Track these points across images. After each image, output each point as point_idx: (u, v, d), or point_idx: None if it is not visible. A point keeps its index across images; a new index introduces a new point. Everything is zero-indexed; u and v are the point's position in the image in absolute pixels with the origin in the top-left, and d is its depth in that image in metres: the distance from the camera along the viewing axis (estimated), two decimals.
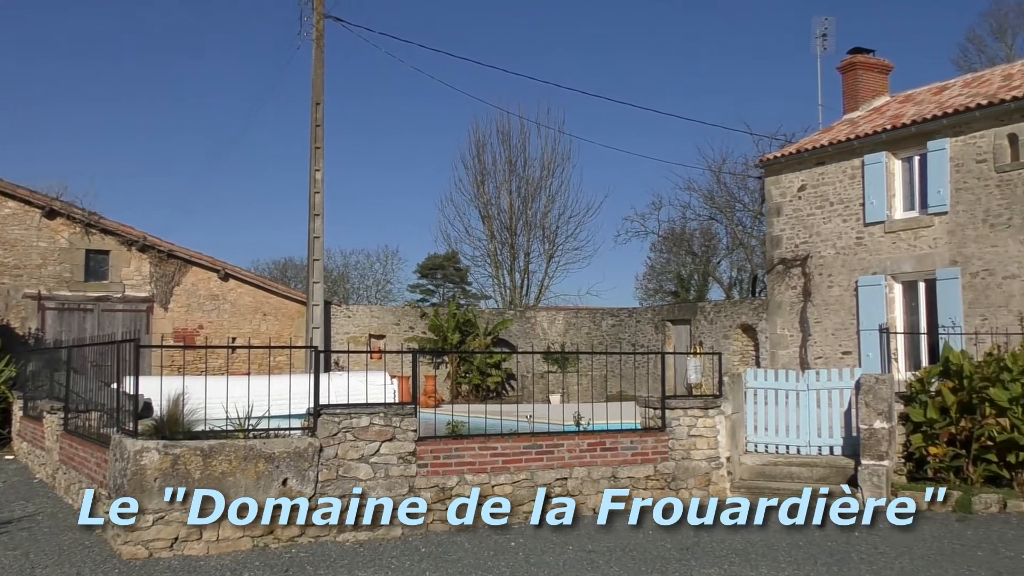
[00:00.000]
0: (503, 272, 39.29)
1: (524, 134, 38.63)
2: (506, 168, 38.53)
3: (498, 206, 38.68)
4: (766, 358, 23.06)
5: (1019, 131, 17.55)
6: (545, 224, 38.77)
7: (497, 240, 38.94)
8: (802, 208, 21.85)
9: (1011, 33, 39.88)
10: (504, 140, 38.55)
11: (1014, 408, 10.37)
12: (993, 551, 8.23)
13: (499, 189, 38.63)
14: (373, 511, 9.21)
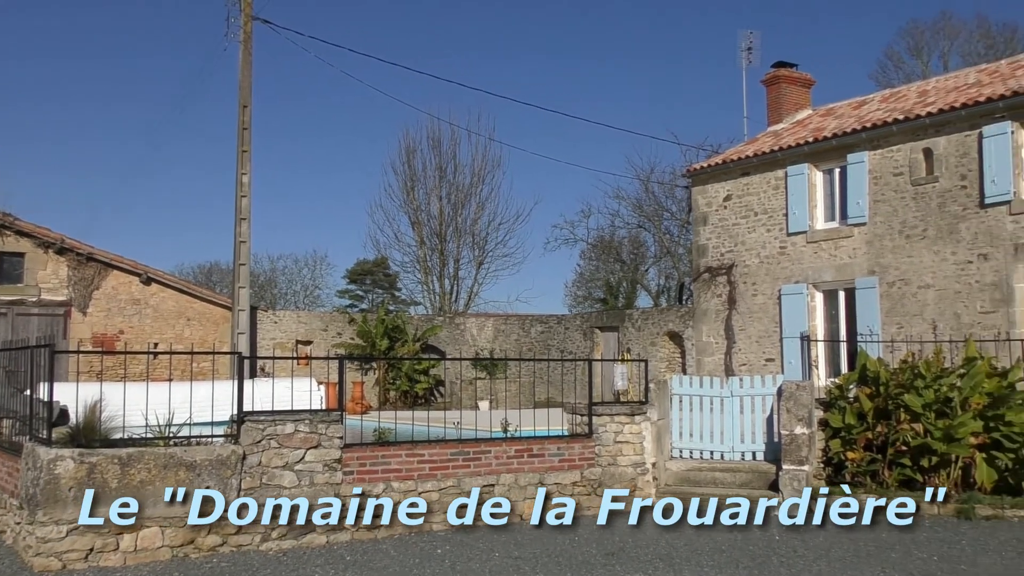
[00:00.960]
0: (433, 278, 39.20)
1: (455, 140, 38.67)
2: (436, 174, 38.49)
3: (428, 212, 38.62)
4: (692, 365, 23.40)
5: (933, 146, 18.14)
6: (475, 230, 38.83)
7: (427, 246, 38.85)
8: (728, 218, 22.24)
9: (927, 51, 41.30)
10: (435, 146, 38.53)
11: (927, 414, 10.68)
12: (906, 553, 8.46)
13: (429, 195, 38.57)
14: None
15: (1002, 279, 17.06)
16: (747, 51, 29.70)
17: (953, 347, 14.14)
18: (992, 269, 17.19)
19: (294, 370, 18.63)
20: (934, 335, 16.56)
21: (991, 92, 17.71)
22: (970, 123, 17.58)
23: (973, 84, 19.54)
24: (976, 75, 20.65)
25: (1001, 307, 17.05)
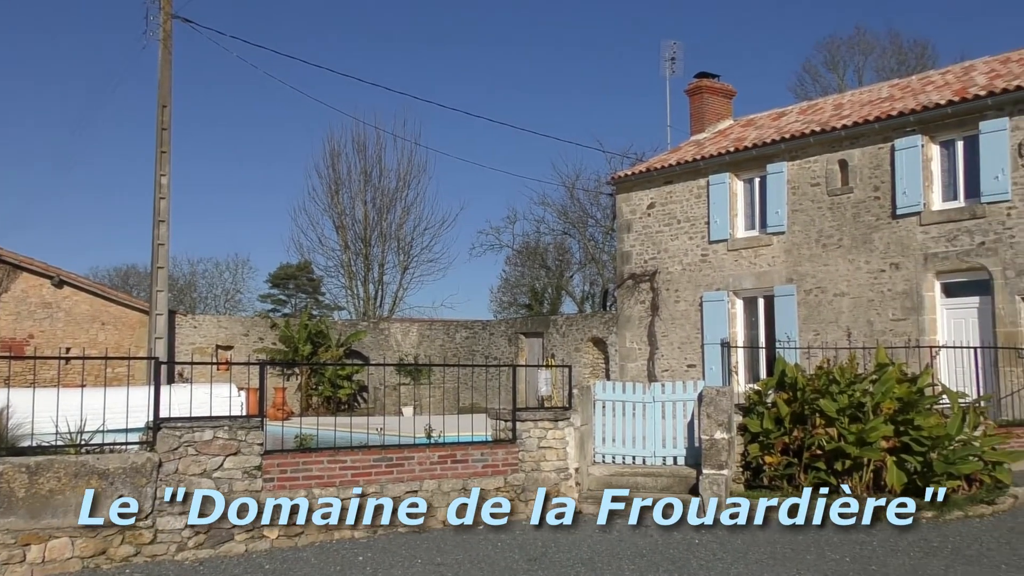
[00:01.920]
0: (357, 283, 38.88)
1: (380, 145, 38.48)
2: (361, 178, 38.23)
3: (353, 216, 38.32)
4: (616, 371, 23.63)
5: (848, 157, 18.67)
6: (400, 235, 38.66)
7: (351, 251, 38.51)
8: (651, 225, 22.54)
9: (843, 65, 42.52)
10: (360, 150, 38.28)
11: (841, 419, 10.95)
12: (820, 555, 8.66)
13: (354, 199, 38.29)
14: (215, 528, 8.89)
15: (912, 288, 17.63)
16: (670, 61, 30.24)
17: (866, 353, 14.54)
18: (903, 278, 17.76)
19: (214, 376, 18.30)
20: (848, 342, 17.02)
21: (903, 107, 18.31)
22: (883, 136, 18.16)
23: (886, 98, 20.17)
24: (889, 90, 21.32)
25: (911, 315, 17.62)
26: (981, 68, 19.56)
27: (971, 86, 17.91)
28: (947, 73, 20.82)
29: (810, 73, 43.24)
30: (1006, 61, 19.22)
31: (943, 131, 17.52)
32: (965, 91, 17.54)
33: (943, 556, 8.44)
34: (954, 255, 17.12)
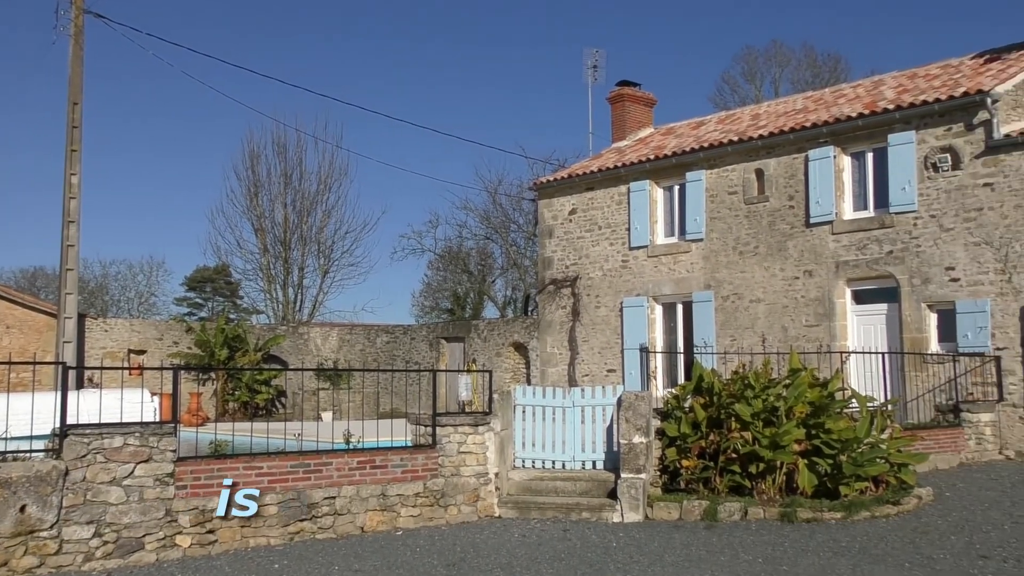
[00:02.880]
0: (276, 287, 38.30)
1: (301, 147, 38.05)
2: (281, 181, 37.72)
3: (272, 219, 37.77)
4: (536, 375, 23.73)
5: (765, 167, 19.10)
6: (321, 239, 38.24)
7: (270, 254, 37.94)
8: (573, 231, 22.71)
9: (760, 76, 43.54)
10: (280, 152, 37.78)
11: (756, 423, 11.17)
12: (734, 556, 8.82)
13: (273, 202, 37.75)
14: (125, 537, 8.65)
15: (825, 294, 18.10)
16: (593, 69, 30.56)
17: (780, 359, 14.87)
18: (816, 285, 18.22)
19: (126, 381, 17.76)
20: (763, 347, 17.40)
21: (816, 118, 18.81)
22: (797, 147, 18.62)
23: (800, 110, 20.70)
24: (803, 101, 21.89)
25: (824, 321, 18.09)
26: (890, 83, 20.22)
27: (880, 100, 18.49)
28: (858, 87, 21.46)
29: (729, 84, 44.22)
30: (913, 76, 19.91)
31: (854, 143, 18.05)
32: (875, 104, 18.11)
33: (851, 555, 8.68)
34: (864, 263, 17.64)
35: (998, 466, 14.56)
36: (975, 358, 16.08)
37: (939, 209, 16.68)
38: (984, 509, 10.73)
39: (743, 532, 9.84)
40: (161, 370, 11.02)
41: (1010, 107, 16.44)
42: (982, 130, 16.18)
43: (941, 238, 16.64)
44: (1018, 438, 15.62)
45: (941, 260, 16.63)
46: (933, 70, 19.80)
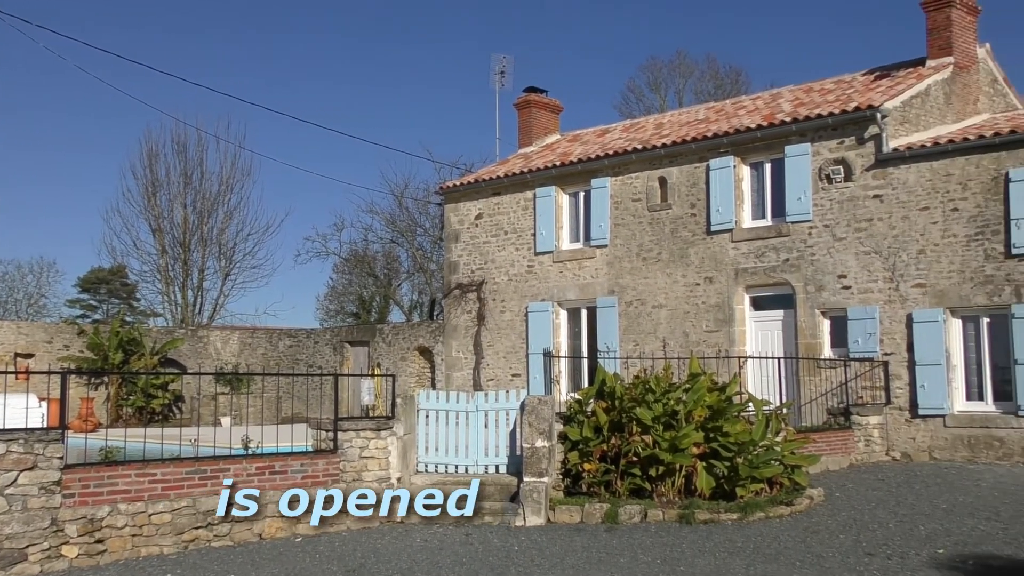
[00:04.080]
0: (175, 289, 37.32)
1: (202, 146, 37.20)
2: (181, 181, 36.80)
3: (171, 220, 36.82)
4: (441, 380, 23.66)
5: (668, 175, 19.46)
6: (222, 240, 37.43)
7: (169, 255, 36.95)
8: (479, 236, 22.73)
9: (664, 86, 44.37)
10: (180, 151, 36.87)
11: (656, 426, 11.36)
12: (633, 558, 8.94)
13: (172, 202, 36.81)
14: (7, 548, 8.28)
15: (724, 301, 18.52)
16: (500, 74, 30.66)
17: (681, 363, 15.15)
18: (716, 291, 18.63)
19: (11, 386, 17.07)
20: (664, 352, 17.71)
21: (717, 128, 19.25)
22: (699, 156, 19.01)
23: (702, 120, 21.16)
24: (705, 112, 22.38)
25: (723, 327, 18.50)
26: (787, 96, 20.84)
27: (778, 112, 19.03)
28: (758, 99, 22.05)
29: (634, 92, 44.92)
30: (809, 90, 20.56)
31: (753, 153, 18.53)
32: (773, 117, 18.63)
33: (745, 555, 8.89)
34: (762, 270, 18.12)
35: (885, 467, 15.13)
36: (865, 363, 16.68)
37: (832, 219, 17.25)
38: (871, 508, 11.13)
39: (643, 534, 9.99)
40: (48, 374, 10.62)
41: (898, 122, 17.12)
42: (872, 144, 16.79)
43: (834, 247, 17.21)
44: (904, 440, 16.26)
45: (834, 268, 17.20)
46: (828, 85, 20.49)
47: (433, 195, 35.56)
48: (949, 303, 15.96)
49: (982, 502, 11.47)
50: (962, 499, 11.71)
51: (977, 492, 12.26)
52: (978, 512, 10.78)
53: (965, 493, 12.18)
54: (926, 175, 16.23)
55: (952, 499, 11.70)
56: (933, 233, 16.12)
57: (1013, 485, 12.81)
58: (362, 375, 24.13)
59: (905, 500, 11.71)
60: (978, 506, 11.20)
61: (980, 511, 10.85)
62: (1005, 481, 13.19)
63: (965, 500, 11.63)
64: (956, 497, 11.85)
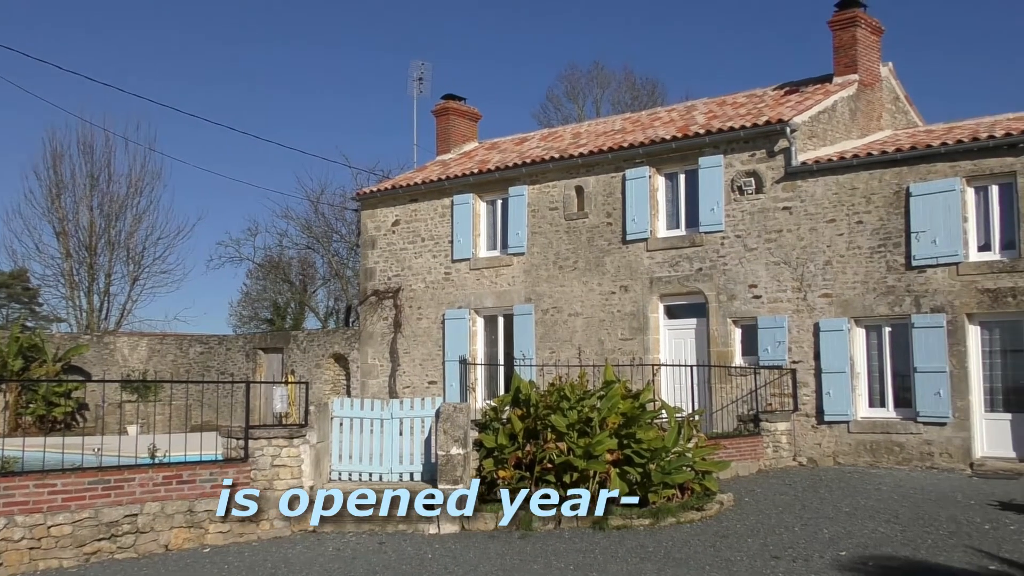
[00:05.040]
0: (80, 294, 36.15)
1: (110, 148, 36.20)
2: (87, 182, 35.71)
3: (76, 223, 35.68)
4: (357, 387, 23.43)
5: (585, 184, 19.66)
6: (131, 244, 36.44)
7: (74, 259, 35.78)
8: (396, 242, 22.60)
9: (582, 96, 44.80)
10: (86, 153, 35.79)
11: (571, 433, 11.43)
12: (547, 564, 8.98)
13: (78, 204, 35.69)
14: None
15: (639, 309, 18.78)
16: (418, 81, 30.58)
17: (596, 371, 15.31)
18: (631, 300, 18.88)
19: None
20: (580, 359, 17.87)
21: (633, 139, 19.53)
22: (615, 166, 19.27)
23: (619, 130, 21.45)
24: (622, 122, 22.69)
25: (638, 335, 18.75)
26: (701, 108, 21.27)
27: (693, 124, 19.42)
28: (673, 111, 22.46)
29: (553, 102, 45.25)
30: (722, 103, 21.03)
31: (668, 164, 18.85)
32: (687, 128, 18.99)
33: (656, 560, 9.01)
34: (676, 280, 18.43)
35: (792, 472, 15.52)
36: (774, 371, 17.09)
37: (744, 230, 17.65)
38: (778, 513, 11.40)
39: (556, 540, 10.04)
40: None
41: (807, 136, 17.62)
42: (782, 157, 17.25)
43: (745, 257, 17.61)
44: (810, 446, 16.70)
45: (745, 278, 17.59)
46: (740, 98, 20.99)
47: (350, 201, 35.28)
48: (853, 312, 16.48)
49: (882, 505, 11.87)
50: (864, 503, 12.09)
51: (878, 496, 12.68)
52: (878, 515, 11.14)
53: (867, 497, 12.58)
54: (832, 188, 16.74)
55: (854, 503, 12.07)
56: (839, 245, 16.63)
57: (911, 489, 13.29)
58: (275, 382, 23.74)
59: (810, 504, 12.03)
60: (879, 509, 11.58)
61: (880, 514, 11.22)
62: (904, 485, 13.67)
63: (867, 504, 12.01)
64: (858, 501, 12.23)
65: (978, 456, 15.28)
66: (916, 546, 9.39)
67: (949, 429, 15.41)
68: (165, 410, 26.23)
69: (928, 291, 15.75)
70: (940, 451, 15.44)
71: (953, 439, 15.35)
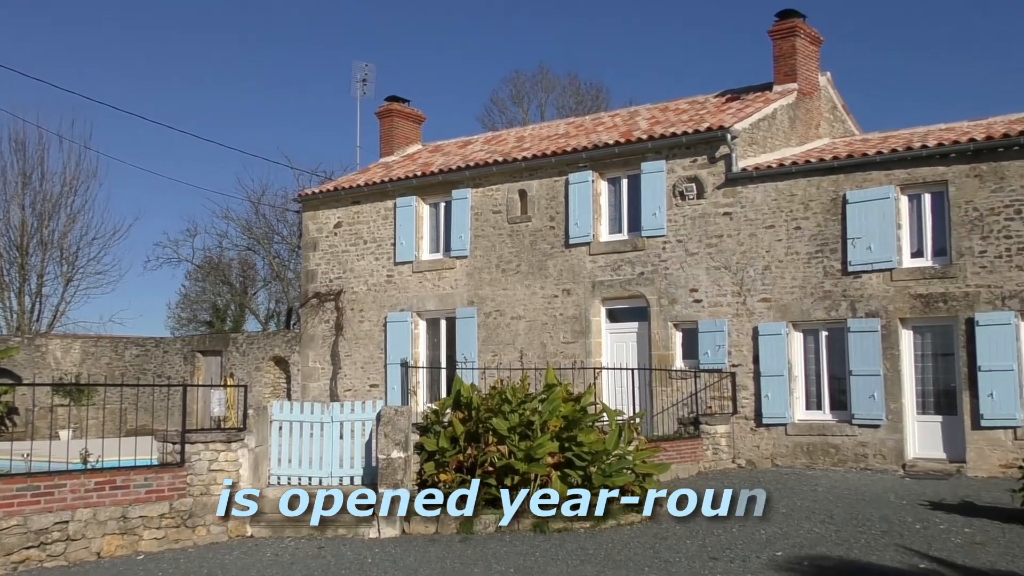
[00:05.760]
0: (10, 295, 35.16)
1: (43, 145, 35.29)
2: (19, 180, 34.77)
3: (7, 222, 34.74)
4: (298, 390, 23.17)
5: (528, 188, 19.71)
6: (64, 244, 35.54)
7: (4, 259, 34.81)
8: (338, 244, 22.42)
9: (527, 100, 44.90)
10: (17, 150, 34.85)
11: (512, 436, 11.43)
12: (487, 567, 8.96)
13: (9, 203, 34.74)
14: None
15: (582, 312, 18.88)
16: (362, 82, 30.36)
17: (538, 374, 15.32)
18: (574, 303, 18.97)
19: None
20: (521, 363, 17.90)
21: (576, 143, 19.64)
22: (558, 170, 19.35)
23: (563, 135, 21.54)
24: (566, 127, 22.81)
25: (580, 338, 18.85)
26: (644, 114, 21.48)
27: (635, 130, 19.58)
28: (616, 116, 22.64)
29: (497, 105, 45.27)
30: (665, 109, 21.25)
31: (611, 169, 18.98)
32: (630, 134, 19.15)
33: (596, 562, 9.05)
34: (618, 283, 18.56)
35: (731, 474, 15.73)
36: (714, 374, 17.31)
37: (685, 235, 17.85)
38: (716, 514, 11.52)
39: (497, 544, 10.03)
40: None
41: (747, 143, 17.88)
42: (723, 163, 17.49)
43: (687, 262, 17.80)
44: (749, 448, 16.94)
45: (686, 282, 17.79)
46: (682, 105, 21.23)
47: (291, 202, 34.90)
48: (792, 317, 16.76)
49: (818, 506, 12.08)
50: (800, 503, 12.29)
51: (814, 497, 12.91)
52: (814, 515, 11.34)
53: (803, 498, 12.80)
54: (772, 195, 17.01)
55: (791, 504, 12.27)
56: (778, 250, 16.90)
57: (846, 490, 13.55)
58: (214, 386, 23.37)
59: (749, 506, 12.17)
60: (814, 510, 11.78)
61: (816, 514, 11.42)
62: (839, 486, 13.93)
63: (803, 504, 12.21)
64: (795, 502, 12.43)
65: (910, 457, 15.64)
66: (850, 546, 9.57)
67: (883, 431, 15.75)
68: (99, 414, 25.66)
69: (863, 296, 16.08)
70: (874, 452, 15.77)
71: (886, 441, 15.69)
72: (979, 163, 15.24)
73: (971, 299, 15.17)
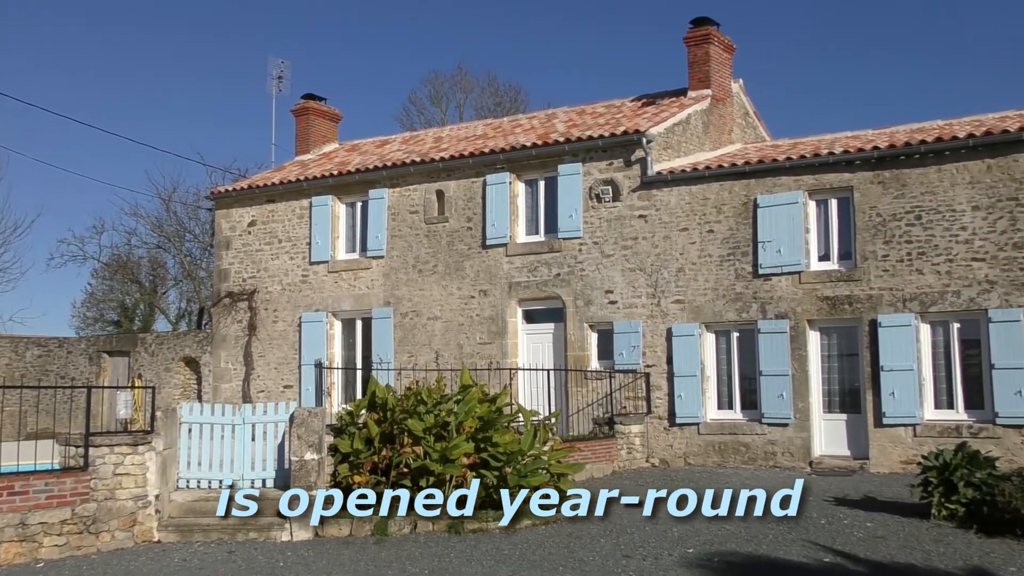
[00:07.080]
0: None
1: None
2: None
3: None
4: (209, 392, 22.68)
5: (445, 188, 19.66)
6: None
7: None
8: (252, 243, 22.03)
9: (445, 100, 44.79)
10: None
11: (427, 437, 11.39)
12: (402, 569, 8.91)
13: None
14: None
15: (498, 313, 18.91)
16: (277, 79, 29.93)
17: (454, 375, 15.31)
18: (490, 304, 18.99)
19: None
20: (437, 364, 17.84)
21: (494, 145, 19.67)
22: (476, 171, 19.35)
23: (480, 136, 21.56)
24: (484, 128, 22.83)
25: (497, 339, 18.88)
26: (562, 117, 21.63)
27: (553, 132, 19.71)
28: (534, 118, 22.75)
29: (416, 105, 45.04)
30: (582, 113, 21.44)
31: (528, 171, 19.06)
32: (547, 136, 19.27)
33: (511, 562, 9.07)
34: (534, 285, 18.65)
35: (645, 473, 15.94)
36: (629, 375, 17.52)
37: (601, 237, 18.03)
38: (630, 513, 11.66)
39: (412, 545, 9.98)
40: None
41: (662, 147, 18.16)
42: (639, 166, 17.72)
43: (603, 263, 17.99)
44: (663, 447, 17.19)
45: (602, 284, 17.97)
46: (599, 108, 21.45)
47: (204, 200, 34.13)
48: (704, 318, 17.07)
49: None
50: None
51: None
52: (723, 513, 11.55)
53: None
54: (686, 198, 17.31)
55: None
56: (691, 253, 17.20)
57: (755, 487, 13.82)
58: (120, 387, 22.71)
59: (660, 504, 12.34)
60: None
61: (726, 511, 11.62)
62: (749, 483, 14.21)
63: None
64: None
65: (817, 455, 16.08)
66: (758, 542, 9.79)
67: (791, 430, 16.16)
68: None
69: (773, 298, 16.48)
70: (783, 451, 16.17)
71: (794, 439, 16.11)
72: (882, 170, 15.76)
73: (874, 301, 15.68)
